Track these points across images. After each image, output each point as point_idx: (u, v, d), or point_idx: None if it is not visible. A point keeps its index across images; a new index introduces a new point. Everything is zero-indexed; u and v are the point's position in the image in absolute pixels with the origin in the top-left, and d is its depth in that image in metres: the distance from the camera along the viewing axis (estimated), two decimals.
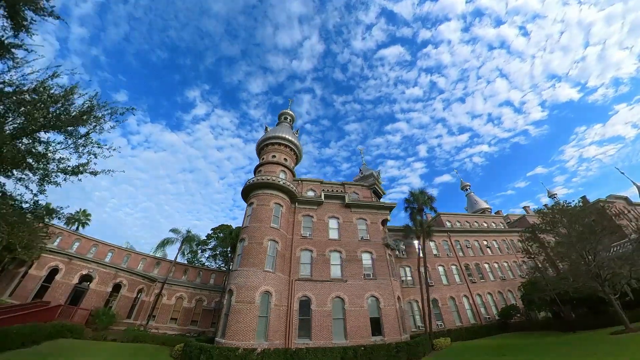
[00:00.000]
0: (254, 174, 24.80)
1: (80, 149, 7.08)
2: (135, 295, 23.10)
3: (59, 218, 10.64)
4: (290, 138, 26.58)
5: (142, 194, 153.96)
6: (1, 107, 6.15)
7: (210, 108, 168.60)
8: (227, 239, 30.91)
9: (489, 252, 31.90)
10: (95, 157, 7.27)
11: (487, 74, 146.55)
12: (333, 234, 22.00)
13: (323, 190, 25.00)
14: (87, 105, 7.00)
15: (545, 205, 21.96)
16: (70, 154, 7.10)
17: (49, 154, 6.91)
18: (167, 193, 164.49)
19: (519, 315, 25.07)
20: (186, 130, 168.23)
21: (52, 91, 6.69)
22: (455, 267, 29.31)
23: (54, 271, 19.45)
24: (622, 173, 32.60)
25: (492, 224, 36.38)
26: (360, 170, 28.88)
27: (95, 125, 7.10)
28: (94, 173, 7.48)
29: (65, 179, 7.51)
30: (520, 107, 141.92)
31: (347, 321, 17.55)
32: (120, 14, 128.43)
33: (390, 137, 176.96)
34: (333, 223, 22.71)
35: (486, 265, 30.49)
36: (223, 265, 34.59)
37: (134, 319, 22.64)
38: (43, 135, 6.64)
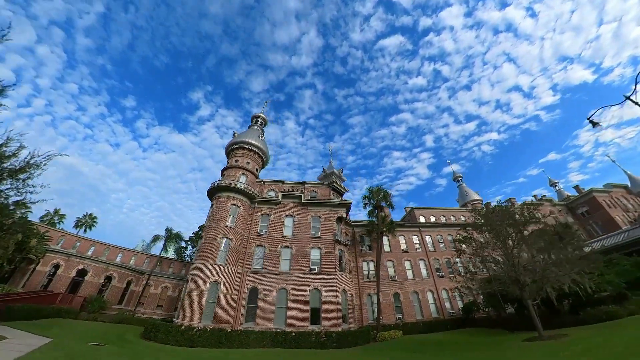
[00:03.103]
0: (221, 176, 28.15)
1: (21, 190, 10.83)
2: (124, 285, 28.03)
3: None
4: (254, 142, 29.46)
5: (156, 194, 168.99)
6: None
7: (214, 108, 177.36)
8: None
9: (463, 246, 32.46)
10: (31, 194, 11.09)
11: (494, 59, 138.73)
12: (287, 231, 24.74)
13: (283, 190, 27.72)
14: (26, 159, 10.69)
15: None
16: (15, 195, 10.90)
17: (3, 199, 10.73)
18: (179, 192, 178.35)
19: (484, 310, 25.96)
20: (193, 131, 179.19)
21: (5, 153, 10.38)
22: (423, 262, 30.65)
23: (57, 267, 24.63)
24: (613, 161, 30.82)
25: (472, 217, 36.47)
26: (323, 169, 31.00)
27: (30, 174, 10.82)
28: (33, 202, 11.30)
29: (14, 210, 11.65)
30: (530, 92, 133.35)
31: (288, 310, 20.42)
32: (122, 23, 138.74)
33: (395, 128, 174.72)
34: (288, 221, 25.42)
35: (457, 260, 31.29)
36: None
37: (125, 305, 27.61)
38: None
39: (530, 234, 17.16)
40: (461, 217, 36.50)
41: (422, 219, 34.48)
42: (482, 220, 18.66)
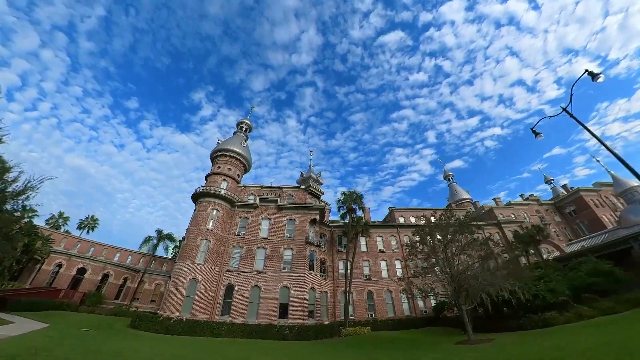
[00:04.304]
0: (205, 181, 31.04)
1: (15, 209, 14.03)
2: (121, 282, 31.60)
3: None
4: (236, 150, 32.14)
5: (160, 193, 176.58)
6: None
7: (216, 108, 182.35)
8: None
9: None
10: (25, 211, 14.37)
11: (496, 54, 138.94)
12: (263, 233, 27.39)
13: (262, 194, 30.34)
14: (22, 186, 13.93)
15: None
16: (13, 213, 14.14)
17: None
18: (184, 191, 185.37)
19: (452, 310, 27.59)
20: (195, 131, 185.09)
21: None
22: (399, 261, 32.61)
23: (60, 266, 28.33)
24: (598, 161, 31.34)
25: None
26: (301, 173, 33.35)
27: (27, 197, 14.01)
28: (31, 213, 14.63)
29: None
30: (533, 85, 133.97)
31: (260, 305, 23.13)
32: (123, 27, 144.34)
33: (396, 125, 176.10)
34: (265, 224, 28.05)
35: (433, 260, 33.03)
36: None
37: (121, 300, 31.21)
38: None
39: (471, 243, 18.70)
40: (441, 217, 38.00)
41: (401, 220, 36.33)
42: (426, 228, 20.42)
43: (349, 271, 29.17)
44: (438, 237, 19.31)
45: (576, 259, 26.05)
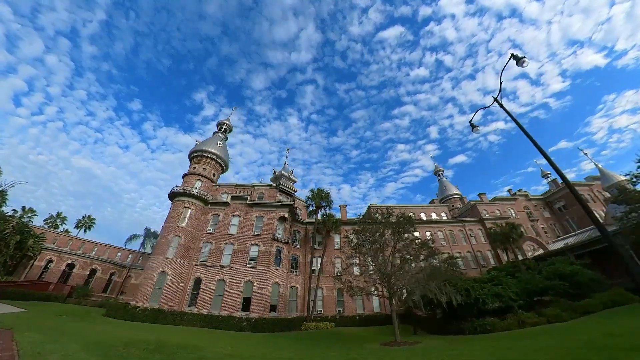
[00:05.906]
0: (182, 180, 33.51)
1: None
2: (108, 277, 34.85)
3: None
4: (212, 150, 34.40)
5: (166, 192, 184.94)
6: None
7: (218, 108, 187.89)
8: None
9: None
10: (25, 212, 17.27)
11: (498, 47, 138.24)
12: (232, 230, 29.48)
13: (235, 192, 32.43)
14: None
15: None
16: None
17: None
18: None
19: (422, 309, 28.18)
20: (198, 130, 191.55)
21: None
22: (371, 258, 33.72)
23: (50, 261, 31.80)
24: (585, 154, 30.88)
25: (433, 214, 38.58)
26: (274, 171, 35.14)
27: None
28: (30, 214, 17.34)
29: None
30: (537, 78, 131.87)
31: (224, 297, 25.23)
32: (124, 30, 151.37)
33: (398, 121, 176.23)
34: (234, 220, 30.13)
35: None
36: None
37: (109, 294, 34.46)
38: None
39: (407, 244, 19.51)
40: (422, 213, 38.71)
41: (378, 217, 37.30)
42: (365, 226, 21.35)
43: (316, 267, 30.83)
44: (375, 236, 20.32)
45: (550, 258, 26.12)
